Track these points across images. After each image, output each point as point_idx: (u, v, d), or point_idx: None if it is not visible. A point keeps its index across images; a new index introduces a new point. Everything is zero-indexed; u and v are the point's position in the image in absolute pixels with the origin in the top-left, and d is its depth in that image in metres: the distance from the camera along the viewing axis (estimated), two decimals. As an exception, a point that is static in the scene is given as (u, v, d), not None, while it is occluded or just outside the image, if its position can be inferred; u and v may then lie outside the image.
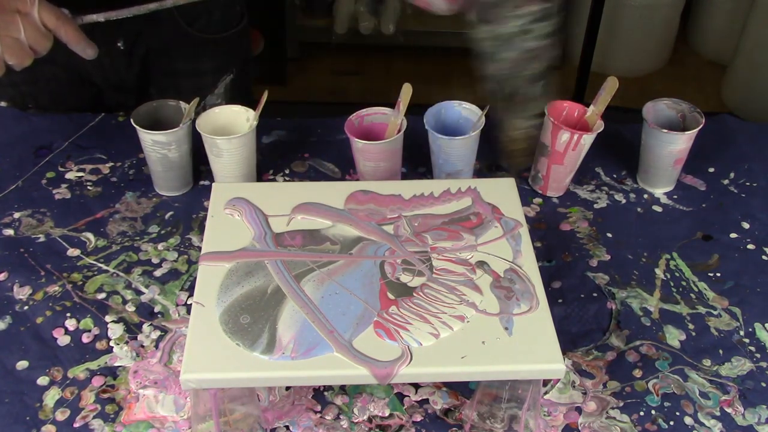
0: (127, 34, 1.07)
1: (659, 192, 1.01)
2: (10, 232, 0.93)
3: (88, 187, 1.00)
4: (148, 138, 0.92)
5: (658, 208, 0.99)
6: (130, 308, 0.85)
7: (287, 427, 0.75)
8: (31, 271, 0.88)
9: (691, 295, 0.88)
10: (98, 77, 1.12)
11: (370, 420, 0.75)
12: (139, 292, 0.86)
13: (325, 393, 0.77)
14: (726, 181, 1.03)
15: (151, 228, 0.95)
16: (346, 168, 1.04)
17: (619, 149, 1.07)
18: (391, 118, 0.94)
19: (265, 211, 0.79)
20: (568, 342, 0.82)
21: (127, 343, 0.81)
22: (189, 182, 1.00)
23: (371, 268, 0.73)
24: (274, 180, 1.02)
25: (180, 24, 1.08)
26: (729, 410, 0.77)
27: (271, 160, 1.05)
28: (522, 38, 0.83)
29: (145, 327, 0.83)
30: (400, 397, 0.77)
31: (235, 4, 1.14)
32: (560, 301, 0.87)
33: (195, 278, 0.72)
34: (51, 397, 0.76)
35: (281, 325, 0.68)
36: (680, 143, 0.95)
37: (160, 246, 0.92)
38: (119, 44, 1.08)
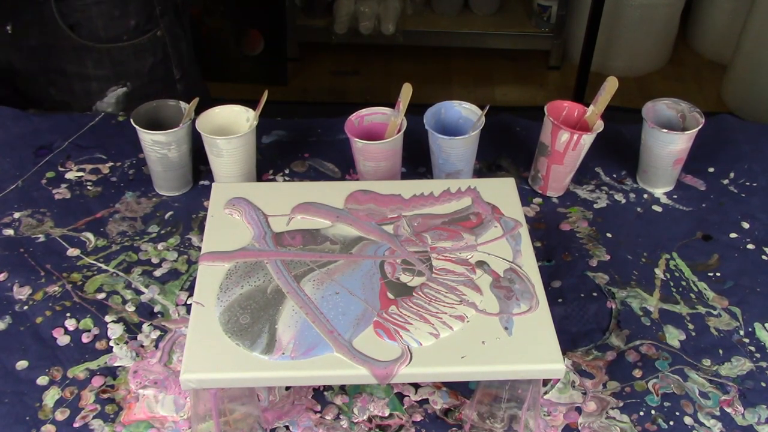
0: (16, 21, 1.07)
1: (659, 192, 1.01)
2: (10, 232, 0.93)
3: (88, 187, 1.00)
4: (148, 138, 0.92)
5: (658, 208, 0.99)
6: (130, 308, 0.85)
7: (287, 427, 0.75)
8: (31, 271, 0.88)
9: (691, 295, 0.88)
10: None
11: (370, 420, 0.75)
12: (139, 292, 0.86)
13: (325, 393, 0.77)
14: (726, 181, 1.03)
15: (151, 228, 0.95)
16: (346, 168, 1.04)
17: (619, 149, 1.07)
18: (391, 118, 0.94)
19: (265, 211, 0.79)
20: (568, 342, 0.82)
21: (126, 343, 0.81)
22: (189, 182, 1.00)
23: (371, 268, 0.73)
24: (274, 180, 1.02)
25: (60, 25, 1.08)
26: (729, 410, 0.77)
27: (271, 160, 1.05)
28: None
29: (145, 327, 0.83)
30: (400, 397, 0.77)
31: (126, 17, 1.12)
32: (560, 300, 0.87)
33: (195, 278, 0.72)
34: (51, 397, 0.76)
35: (281, 325, 0.68)
36: (680, 143, 0.95)
37: (160, 246, 0.92)
38: (7, 28, 1.08)
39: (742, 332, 0.84)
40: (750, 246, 0.94)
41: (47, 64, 1.13)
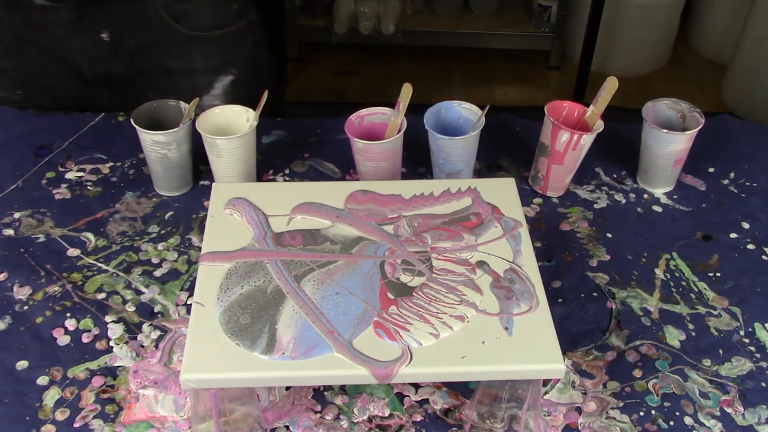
0: (112, 27, 1.05)
1: (659, 192, 1.01)
2: (10, 232, 0.93)
3: (88, 187, 1.00)
4: (148, 138, 0.92)
5: (658, 208, 0.99)
6: (130, 308, 0.85)
7: (287, 427, 0.75)
8: (31, 271, 0.88)
9: (691, 295, 0.88)
10: (85, 68, 1.10)
11: (370, 420, 0.75)
12: (139, 292, 0.86)
13: (325, 393, 0.77)
14: (726, 181, 1.03)
15: (151, 228, 0.95)
16: (346, 168, 1.04)
17: (619, 149, 1.07)
18: (391, 118, 0.94)
19: (265, 211, 0.79)
20: (568, 342, 0.82)
21: (127, 343, 0.81)
22: (189, 182, 1.00)
23: (371, 268, 0.73)
24: (274, 180, 1.02)
25: (166, 19, 1.05)
26: (729, 410, 0.77)
27: (271, 160, 1.05)
28: None
29: (145, 327, 0.83)
30: (400, 397, 0.77)
31: (230, 2, 1.10)
32: (560, 301, 0.87)
33: (195, 278, 0.72)
34: (51, 397, 0.76)
35: (281, 325, 0.68)
36: (680, 143, 0.95)
37: (160, 246, 0.92)
38: (103, 35, 1.05)
39: (742, 332, 0.84)
40: (750, 246, 0.94)
41: (148, 65, 1.10)
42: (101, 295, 0.86)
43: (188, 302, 0.85)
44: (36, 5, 1.02)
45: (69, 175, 1.01)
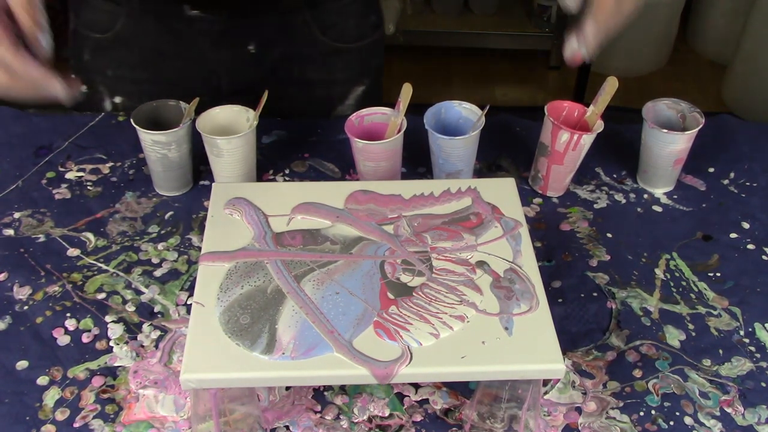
0: (259, 38, 1.06)
1: (659, 192, 1.01)
2: (10, 232, 0.93)
3: (88, 187, 1.00)
4: (148, 138, 0.92)
5: (658, 208, 0.99)
6: (130, 308, 0.85)
7: (287, 427, 0.75)
8: (31, 271, 0.88)
9: (691, 295, 0.88)
10: (224, 80, 1.10)
11: (370, 420, 0.75)
12: (139, 292, 0.86)
13: (325, 393, 0.77)
14: (726, 181, 1.03)
15: (151, 228, 0.95)
16: (346, 168, 1.04)
17: (619, 149, 1.07)
18: (391, 118, 0.94)
19: (265, 211, 0.79)
20: (568, 342, 0.82)
21: (127, 343, 0.81)
22: (189, 182, 1.00)
23: (371, 268, 0.73)
24: (274, 180, 1.02)
25: (313, 31, 1.06)
26: (729, 410, 0.77)
27: (271, 160, 1.05)
28: None
29: (145, 327, 0.83)
30: (400, 397, 0.77)
31: (370, 14, 1.12)
32: (560, 301, 0.87)
33: (195, 278, 0.72)
34: (51, 397, 0.76)
35: (281, 325, 0.68)
36: (680, 143, 0.95)
37: (160, 246, 0.92)
38: (250, 48, 1.06)
39: (742, 332, 0.84)
40: (750, 246, 0.94)
41: (287, 77, 1.11)
42: (101, 295, 0.86)
43: (188, 302, 0.85)
44: (185, 16, 1.02)
45: (69, 175, 1.01)
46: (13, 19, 0.66)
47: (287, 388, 0.77)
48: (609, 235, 0.95)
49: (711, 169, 1.05)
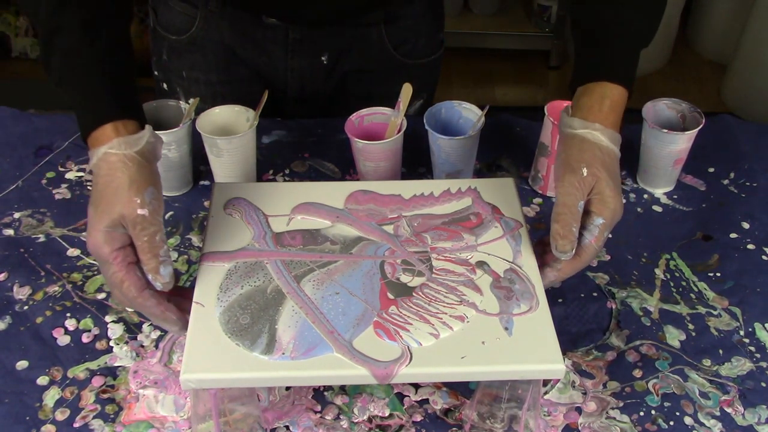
0: (332, 49, 1.07)
1: (659, 192, 1.01)
2: (10, 232, 0.93)
3: (88, 187, 1.00)
4: (148, 138, 0.92)
5: (658, 208, 0.99)
6: (130, 308, 0.85)
7: (287, 427, 0.75)
8: (31, 271, 0.88)
9: (691, 295, 0.88)
10: (293, 88, 1.12)
11: (370, 420, 0.75)
12: (139, 292, 0.86)
13: (325, 393, 0.77)
14: (726, 181, 1.03)
15: (151, 228, 0.94)
16: (346, 168, 1.04)
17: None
18: (391, 118, 0.94)
19: (265, 211, 0.79)
20: (568, 342, 0.82)
21: (127, 343, 0.81)
22: (189, 182, 1.00)
23: (371, 268, 0.73)
24: (274, 180, 1.02)
25: (386, 46, 1.08)
26: (729, 410, 0.77)
27: (271, 160, 1.05)
28: None
29: (145, 327, 0.83)
30: (400, 397, 0.77)
31: (438, 32, 1.14)
32: (560, 301, 0.87)
33: (195, 278, 0.72)
34: (51, 397, 0.76)
35: (281, 326, 0.68)
36: (680, 143, 0.95)
37: (160, 246, 0.92)
38: (323, 58, 1.08)
39: (742, 332, 0.84)
40: (750, 246, 0.94)
41: (354, 89, 1.13)
42: (101, 295, 0.86)
43: (188, 302, 0.85)
44: (262, 24, 1.03)
45: (69, 175, 1.01)
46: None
47: (287, 388, 0.77)
48: (609, 235, 0.95)
49: (711, 169, 1.05)
